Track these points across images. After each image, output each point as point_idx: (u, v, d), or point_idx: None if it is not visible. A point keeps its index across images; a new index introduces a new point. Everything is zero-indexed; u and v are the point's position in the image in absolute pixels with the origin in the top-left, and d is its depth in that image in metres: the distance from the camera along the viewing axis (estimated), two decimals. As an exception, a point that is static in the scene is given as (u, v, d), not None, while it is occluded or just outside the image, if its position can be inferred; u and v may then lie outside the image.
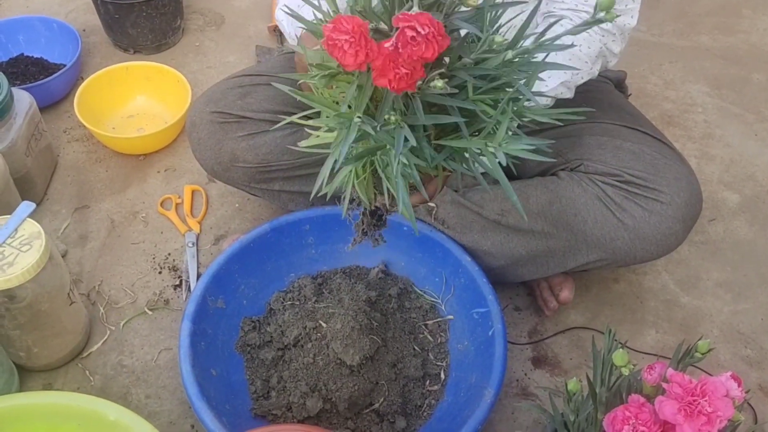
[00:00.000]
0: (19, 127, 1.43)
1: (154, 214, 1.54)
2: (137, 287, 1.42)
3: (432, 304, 1.30)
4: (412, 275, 1.34)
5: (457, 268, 1.27)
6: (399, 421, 1.16)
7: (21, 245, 1.13)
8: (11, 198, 1.35)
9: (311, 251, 1.35)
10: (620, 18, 1.15)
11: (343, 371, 1.15)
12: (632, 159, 1.18)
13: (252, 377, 1.21)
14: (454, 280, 1.28)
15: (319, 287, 1.31)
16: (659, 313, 1.39)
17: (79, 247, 1.48)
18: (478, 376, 1.15)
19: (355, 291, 1.25)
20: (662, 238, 1.16)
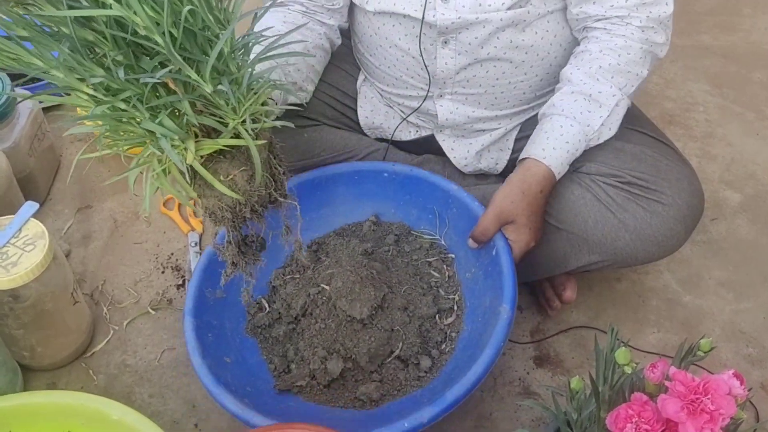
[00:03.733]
0: (22, 127, 1.43)
1: (157, 214, 1.55)
2: (140, 287, 1.42)
3: (431, 242, 1.28)
4: (405, 219, 1.32)
5: (446, 199, 1.25)
6: (423, 361, 1.14)
7: (25, 245, 1.13)
8: (14, 198, 1.36)
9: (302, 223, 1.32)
10: (654, 9, 1.14)
11: (356, 327, 1.13)
12: (633, 160, 1.18)
13: (269, 356, 1.19)
14: (447, 212, 1.26)
15: (315, 254, 1.29)
16: (661, 312, 1.39)
17: (83, 246, 1.48)
18: (491, 298, 1.14)
19: (350, 247, 1.23)
20: (664, 239, 1.16)
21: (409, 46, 1.22)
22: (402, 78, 1.27)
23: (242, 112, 0.84)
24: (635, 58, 1.15)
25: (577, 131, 1.12)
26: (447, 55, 1.20)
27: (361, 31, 1.28)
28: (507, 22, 1.15)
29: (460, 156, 1.34)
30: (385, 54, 1.26)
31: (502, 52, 1.18)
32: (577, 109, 1.13)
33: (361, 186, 1.30)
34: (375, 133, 1.39)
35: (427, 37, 1.19)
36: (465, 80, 1.22)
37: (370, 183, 1.27)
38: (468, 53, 1.19)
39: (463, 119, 1.28)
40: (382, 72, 1.29)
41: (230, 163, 0.89)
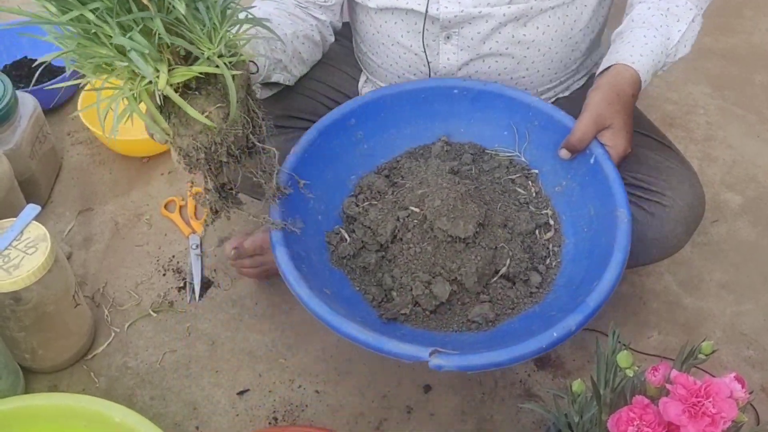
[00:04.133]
0: (24, 130, 1.44)
1: (158, 217, 1.55)
2: (141, 289, 1.42)
3: (509, 159, 1.22)
4: (476, 138, 1.24)
5: (526, 113, 1.19)
6: (533, 277, 1.10)
7: (27, 248, 1.14)
8: (16, 200, 1.36)
9: (363, 146, 1.23)
10: None
11: (458, 247, 1.08)
12: (635, 163, 1.18)
13: (363, 287, 1.12)
14: (527, 127, 1.20)
15: (388, 179, 1.20)
16: (662, 315, 1.39)
17: (84, 249, 1.49)
18: (596, 206, 1.10)
19: (432, 167, 1.17)
20: (665, 241, 1.16)
21: (411, 43, 1.22)
22: (404, 76, 1.27)
23: (218, 41, 0.82)
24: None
25: (659, 42, 1.11)
26: (449, 50, 1.20)
27: (363, 29, 1.28)
28: (510, 17, 1.15)
29: None
30: (387, 52, 1.26)
31: (503, 47, 1.19)
32: (657, 22, 1.12)
33: (428, 105, 1.23)
34: None
35: (429, 33, 1.19)
36: (468, 76, 1.22)
37: (438, 102, 1.20)
38: (470, 48, 1.19)
39: None
40: (384, 70, 1.29)
41: (206, 99, 0.86)
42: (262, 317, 1.39)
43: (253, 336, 1.36)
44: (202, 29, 0.81)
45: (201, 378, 1.30)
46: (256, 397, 1.28)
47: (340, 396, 1.28)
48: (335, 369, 1.31)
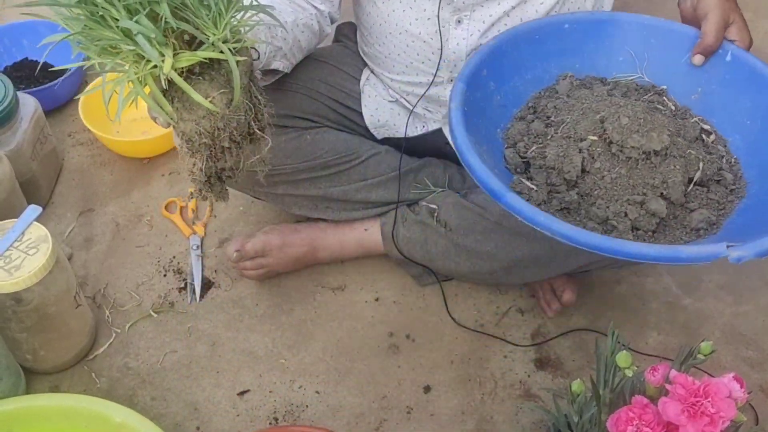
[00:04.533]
0: (25, 131, 1.44)
1: (159, 218, 1.55)
2: (142, 290, 1.43)
3: (634, 82, 1.20)
4: (593, 71, 1.22)
5: (641, 32, 1.19)
6: (726, 175, 1.09)
7: (28, 248, 1.14)
8: (17, 202, 1.36)
9: (497, 98, 1.19)
10: None
11: (654, 161, 1.03)
12: None
13: (580, 225, 1.04)
14: (644, 46, 1.19)
15: (540, 121, 1.15)
16: (661, 315, 1.40)
17: (85, 250, 1.49)
18: (753, 95, 1.11)
19: (594, 93, 1.14)
20: None
21: (419, 30, 1.21)
22: (412, 65, 1.27)
23: (223, 26, 0.82)
24: None
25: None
26: (459, 35, 1.20)
27: (370, 21, 1.27)
28: (518, 2, 1.16)
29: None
30: (394, 41, 1.26)
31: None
32: None
33: (541, 45, 1.21)
34: (381, 132, 1.39)
35: (441, 19, 1.19)
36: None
37: (550, 40, 1.19)
38: (479, 33, 1.19)
39: None
40: (392, 60, 1.29)
41: (209, 84, 0.86)
42: (263, 318, 1.39)
43: (253, 336, 1.36)
44: (207, 14, 0.82)
45: (202, 378, 1.30)
46: (257, 397, 1.28)
47: (340, 396, 1.28)
48: (335, 369, 1.32)
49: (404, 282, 1.44)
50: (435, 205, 1.31)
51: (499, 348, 1.34)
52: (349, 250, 1.40)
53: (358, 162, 1.33)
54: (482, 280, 1.36)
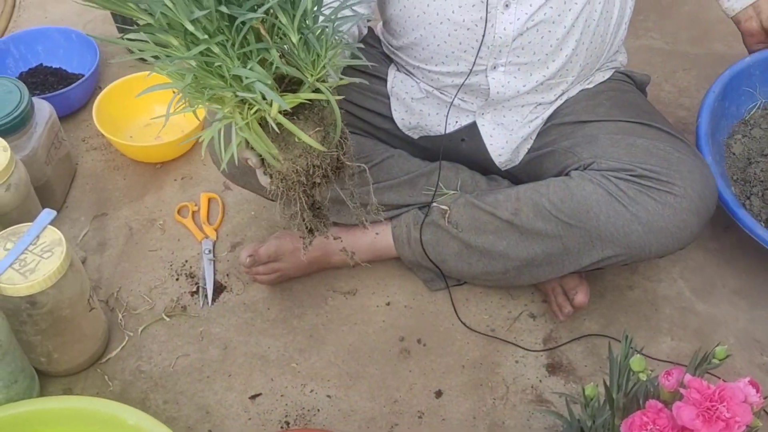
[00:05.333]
0: (39, 136, 1.45)
1: (172, 222, 1.56)
2: (155, 294, 1.43)
3: None
4: None
5: None
6: None
7: (42, 252, 1.15)
8: (32, 206, 1.37)
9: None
10: None
11: None
12: (645, 154, 1.19)
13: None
14: None
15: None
16: (674, 321, 1.39)
17: (98, 254, 1.50)
18: None
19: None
20: (676, 230, 1.16)
21: (463, 17, 1.20)
22: (454, 54, 1.25)
23: (320, 68, 0.85)
24: None
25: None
26: (506, 20, 1.19)
27: (405, 13, 1.26)
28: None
29: (498, 144, 1.34)
30: (434, 32, 1.24)
31: (557, 14, 1.19)
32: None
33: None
34: (415, 132, 1.39)
35: (488, 3, 1.18)
36: (520, 48, 1.22)
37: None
38: (526, 16, 1.19)
39: (513, 93, 1.28)
40: (430, 52, 1.27)
41: (305, 123, 0.89)
42: (275, 322, 1.39)
43: (265, 340, 1.36)
44: (306, 56, 0.84)
45: (213, 382, 1.30)
46: (268, 401, 1.28)
47: (351, 401, 1.28)
48: (347, 373, 1.32)
49: (415, 286, 1.44)
50: (446, 206, 1.31)
51: (511, 353, 1.34)
52: (361, 254, 1.40)
53: (371, 165, 1.33)
54: (495, 281, 1.36)
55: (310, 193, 0.96)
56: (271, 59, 0.83)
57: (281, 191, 0.94)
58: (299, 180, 0.92)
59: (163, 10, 0.77)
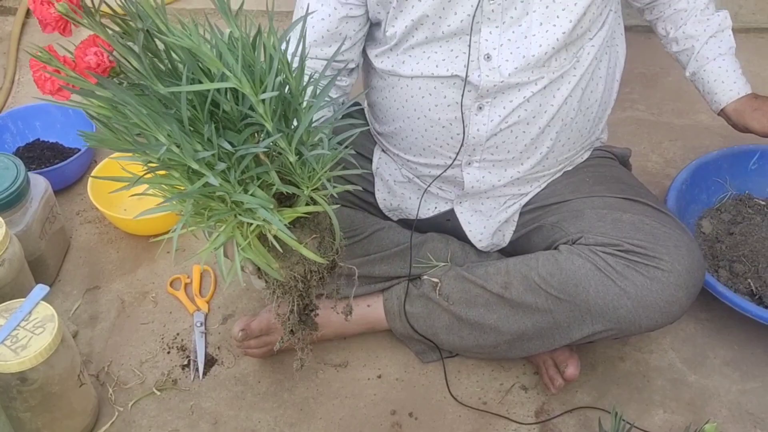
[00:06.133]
0: (35, 211, 1.47)
1: (164, 294, 1.56)
2: (146, 367, 1.43)
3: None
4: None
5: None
6: None
7: (34, 328, 1.15)
8: (25, 280, 1.38)
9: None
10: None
11: None
12: (632, 229, 1.20)
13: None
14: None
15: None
16: (666, 392, 1.39)
17: (90, 327, 1.50)
18: None
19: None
20: (665, 305, 1.17)
21: (439, 116, 1.24)
22: (430, 148, 1.29)
23: (315, 180, 0.88)
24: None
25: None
26: (480, 121, 1.23)
27: (386, 104, 1.30)
28: (541, 86, 1.20)
29: (476, 231, 1.36)
30: (412, 126, 1.28)
31: (531, 116, 1.22)
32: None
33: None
34: (395, 214, 1.41)
35: (465, 100, 1.22)
36: (494, 146, 1.25)
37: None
38: (500, 118, 1.22)
39: (488, 187, 1.30)
40: (409, 143, 1.31)
41: (301, 231, 0.91)
42: (265, 395, 1.39)
43: (255, 414, 1.35)
44: (302, 171, 0.87)
45: (203, 458, 1.29)
46: (259, 478, 1.27)
47: (343, 477, 1.27)
48: (338, 449, 1.31)
49: (407, 359, 1.43)
50: (437, 279, 1.32)
51: (503, 426, 1.33)
52: (353, 327, 1.41)
53: (362, 237, 1.35)
54: (487, 354, 1.36)
55: (305, 296, 0.98)
56: (270, 180, 0.86)
57: (277, 296, 0.97)
58: (296, 286, 0.95)
59: (168, 155, 0.81)
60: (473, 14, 1.15)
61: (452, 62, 1.20)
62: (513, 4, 1.15)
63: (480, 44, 1.18)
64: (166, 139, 0.79)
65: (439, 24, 1.18)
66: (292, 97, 0.85)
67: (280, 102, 0.84)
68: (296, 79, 0.85)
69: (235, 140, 0.83)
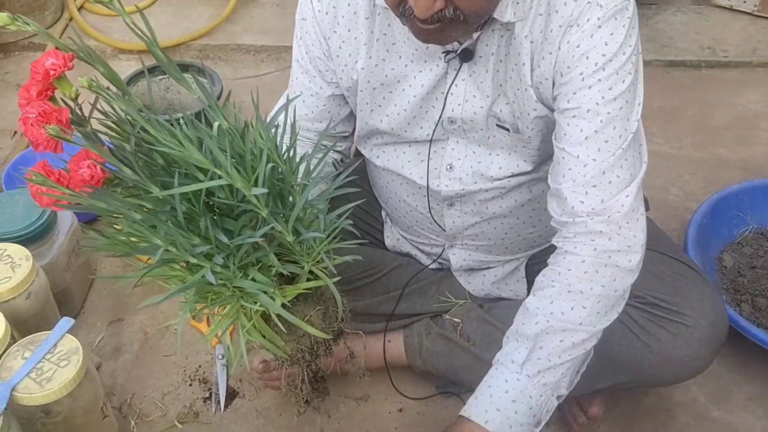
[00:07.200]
0: (61, 244, 1.49)
1: (187, 326, 1.57)
2: (168, 400, 1.43)
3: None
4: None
5: None
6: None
7: (59, 360, 1.16)
8: (50, 312, 1.40)
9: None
10: (614, 204, 1.01)
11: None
12: (654, 280, 1.19)
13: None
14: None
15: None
16: (690, 429, 1.37)
17: (113, 359, 1.51)
18: None
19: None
20: (689, 360, 1.16)
21: (416, 203, 1.26)
22: (414, 228, 1.32)
23: (315, 255, 0.89)
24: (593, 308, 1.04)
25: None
26: (453, 215, 1.24)
27: (373, 180, 1.34)
28: (510, 188, 1.19)
29: (477, 289, 1.37)
30: (395, 206, 1.31)
31: (507, 210, 1.22)
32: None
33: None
34: (402, 258, 1.43)
35: (432, 199, 1.23)
36: (474, 234, 1.26)
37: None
38: (474, 212, 1.23)
39: (477, 263, 1.32)
40: (397, 219, 1.35)
41: (305, 304, 0.93)
42: (287, 428, 1.39)
43: (277, 448, 1.36)
44: (301, 249, 0.89)
45: (224, 492, 1.29)
46: None
47: None
48: (359, 483, 1.30)
49: (428, 392, 1.43)
50: (458, 319, 1.32)
51: (525, 462, 1.32)
52: (373, 361, 1.41)
53: (381, 275, 1.36)
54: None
55: (313, 366, 0.99)
56: (270, 263, 0.87)
57: (286, 367, 0.98)
58: (303, 357, 0.96)
59: (165, 256, 0.83)
60: (434, 129, 1.16)
61: (416, 166, 1.21)
62: (474, 128, 1.14)
63: (446, 152, 1.18)
64: (162, 241, 0.82)
65: (405, 135, 1.19)
66: (283, 182, 0.87)
67: (273, 186, 0.85)
68: (287, 164, 0.86)
69: (232, 227, 0.85)
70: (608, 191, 1.00)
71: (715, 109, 2.19)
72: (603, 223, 1.01)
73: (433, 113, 1.15)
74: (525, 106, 1.07)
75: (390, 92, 1.15)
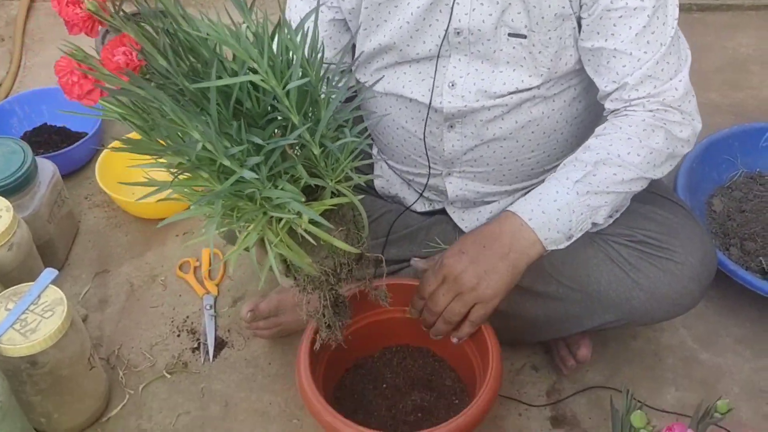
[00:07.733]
0: (43, 195, 1.47)
1: (173, 278, 1.56)
2: (156, 351, 1.43)
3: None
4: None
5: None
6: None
7: (44, 312, 1.15)
8: (34, 264, 1.38)
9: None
10: (668, 89, 1.10)
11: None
12: (644, 220, 1.19)
13: None
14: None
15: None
16: (678, 371, 1.38)
17: (99, 311, 1.50)
18: None
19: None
20: (678, 297, 1.16)
21: (415, 129, 1.23)
22: (410, 157, 1.29)
23: (338, 171, 0.88)
24: (648, 157, 1.11)
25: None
26: (453, 138, 1.21)
27: (372, 106, 1.30)
28: (512, 106, 1.17)
29: (471, 226, 1.35)
30: (392, 134, 1.28)
31: (507, 132, 1.20)
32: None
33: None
34: (391, 200, 1.41)
35: (432, 121, 1.20)
36: (473, 160, 1.24)
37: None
38: (474, 135, 1.20)
39: (473, 195, 1.30)
40: (391, 150, 1.31)
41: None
42: (276, 377, 1.39)
43: (266, 396, 1.36)
44: (327, 163, 0.87)
45: (215, 440, 1.30)
46: (270, 459, 1.27)
47: (354, 457, 1.27)
48: (349, 430, 1.30)
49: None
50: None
51: (514, 406, 1.33)
52: (362, 310, 1.40)
53: (370, 221, 1.33)
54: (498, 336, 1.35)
55: (335, 289, 0.99)
56: (297, 175, 0.85)
57: (308, 292, 0.96)
58: (327, 280, 0.95)
59: (200, 153, 0.80)
60: (440, 44, 1.14)
61: (417, 85, 1.19)
62: (480, 39, 1.12)
63: (447, 70, 1.16)
64: (200, 137, 0.78)
65: (407, 51, 1.17)
66: (313, 88, 0.85)
67: (302, 95, 0.83)
68: (315, 70, 0.84)
69: (260, 136, 0.82)
70: (662, 78, 1.09)
71: (707, 53, 2.17)
72: (659, 103, 1.10)
73: (437, 26, 1.13)
74: (547, 3, 1.07)
75: (396, 6, 1.14)
